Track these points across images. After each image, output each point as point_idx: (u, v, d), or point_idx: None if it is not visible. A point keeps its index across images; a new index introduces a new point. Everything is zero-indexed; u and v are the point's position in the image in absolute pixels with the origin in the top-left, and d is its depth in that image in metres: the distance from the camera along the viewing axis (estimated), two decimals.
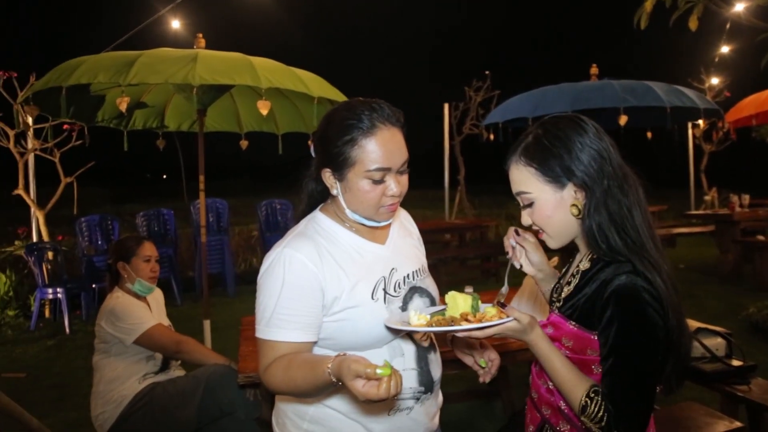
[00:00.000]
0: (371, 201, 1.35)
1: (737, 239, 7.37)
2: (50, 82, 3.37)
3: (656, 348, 1.22)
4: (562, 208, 1.31)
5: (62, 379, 4.66)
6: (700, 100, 5.65)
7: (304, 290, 1.32)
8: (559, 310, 1.38)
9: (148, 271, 2.83)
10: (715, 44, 10.24)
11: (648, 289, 1.20)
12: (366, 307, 1.36)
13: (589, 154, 1.27)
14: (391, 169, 1.34)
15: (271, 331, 1.32)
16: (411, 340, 1.46)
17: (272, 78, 3.39)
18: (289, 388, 1.30)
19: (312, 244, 1.37)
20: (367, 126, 1.32)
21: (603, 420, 1.19)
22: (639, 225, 1.27)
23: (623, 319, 1.21)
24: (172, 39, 7.03)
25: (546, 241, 1.39)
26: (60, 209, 7.26)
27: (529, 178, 1.32)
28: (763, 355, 4.45)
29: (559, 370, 1.26)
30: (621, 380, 1.20)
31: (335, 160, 1.34)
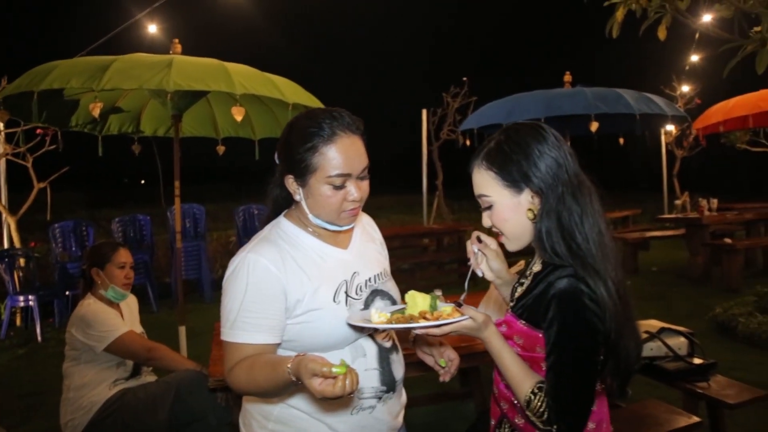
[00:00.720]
0: (333, 206, 1.40)
1: (706, 242, 7.56)
2: (21, 87, 3.35)
3: (593, 348, 1.27)
4: (518, 212, 1.37)
5: (33, 388, 4.60)
6: (668, 108, 5.81)
7: (267, 293, 1.36)
8: (512, 309, 1.44)
9: (122, 277, 2.83)
10: (685, 53, 10.49)
11: (587, 293, 1.25)
12: (328, 310, 1.40)
13: (546, 162, 1.33)
14: (351, 174, 1.39)
15: (235, 333, 1.36)
16: (373, 341, 1.50)
17: (247, 84, 3.42)
18: (252, 389, 1.34)
19: (275, 249, 1.40)
20: (328, 134, 1.36)
21: (544, 415, 1.25)
22: (588, 233, 1.31)
23: (562, 321, 1.27)
24: (149, 44, 6.98)
25: (504, 243, 1.45)
26: (33, 215, 7.17)
27: (490, 182, 1.38)
28: (726, 353, 4.59)
29: (509, 367, 1.32)
30: (561, 378, 1.26)
31: (297, 166, 1.39)
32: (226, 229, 10.61)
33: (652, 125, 7.07)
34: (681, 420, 2.52)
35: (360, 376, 1.35)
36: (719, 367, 3.01)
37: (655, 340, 2.96)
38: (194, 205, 8.23)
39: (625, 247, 8.55)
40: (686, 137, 12.41)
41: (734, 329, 5.06)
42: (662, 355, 2.95)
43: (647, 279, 8.00)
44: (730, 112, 7.61)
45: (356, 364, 1.44)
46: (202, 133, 4.93)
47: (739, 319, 5.11)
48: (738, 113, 7.58)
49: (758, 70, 3.51)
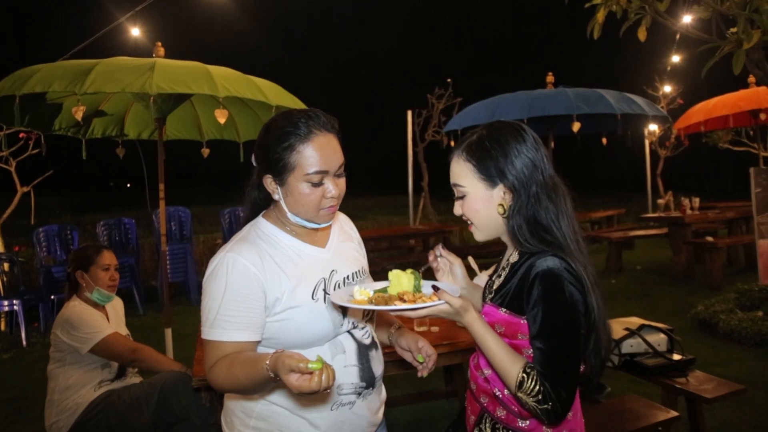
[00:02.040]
0: (311, 203, 1.42)
1: (688, 241, 7.67)
2: (3, 91, 3.32)
3: (579, 322, 1.32)
4: (489, 205, 1.43)
5: (19, 393, 4.57)
6: (649, 108, 5.88)
7: (246, 292, 1.38)
8: (492, 300, 1.48)
9: (106, 279, 2.83)
10: (666, 54, 10.64)
11: (569, 269, 1.32)
12: (306, 307, 1.43)
13: (522, 161, 1.39)
14: (328, 172, 1.42)
15: (215, 332, 1.38)
16: (352, 338, 1.52)
17: (230, 87, 3.43)
18: (232, 386, 1.35)
19: (254, 248, 1.42)
20: (304, 132, 1.39)
21: (540, 393, 1.27)
22: (564, 229, 1.38)
23: (547, 298, 1.31)
24: (132, 47, 6.95)
25: (473, 233, 1.50)
26: (17, 219, 7.12)
27: (466, 173, 1.44)
28: (707, 350, 4.67)
29: (495, 350, 1.33)
30: (551, 354, 1.30)
31: (275, 166, 1.41)
32: (212, 231, 10.58)
33: (634, 125, 7.16)
34: (660, 414, 2.57)
35: (339, 373, 1.39)
36: (699, 363, 3.08)
37: (635, 337, 3.01)
38: (180, 207, 8.20)
39: (610, 246, 8.65)
40: (669, 137, 12.56)
41: (715, 326, 5.14)
42: (642, 351, 3.00)
43: (631, 277, 8.09)
44: (711, 111, 7.72)
45: (335, 361, 1.46)
46: (187, 136, 4.93)
47: (720, 316, 5.19)
48: (719, 113, 7.70)
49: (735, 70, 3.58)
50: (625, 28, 4.52)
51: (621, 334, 3.03)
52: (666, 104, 12.16)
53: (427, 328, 2.61)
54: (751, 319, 4.96)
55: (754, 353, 4.61)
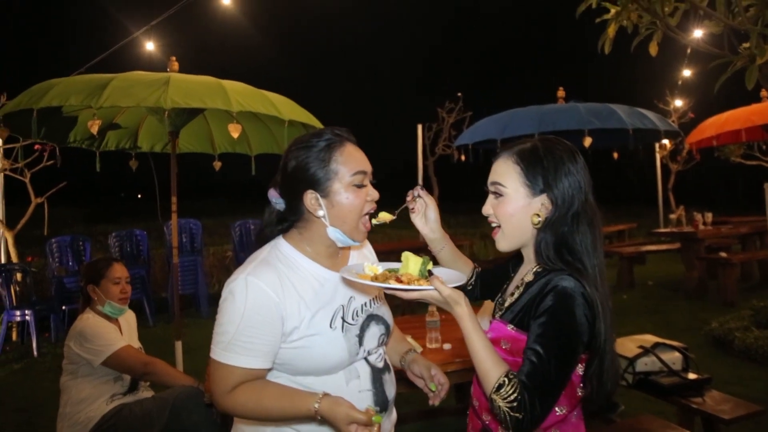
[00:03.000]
0: (356, 209, 1.43)
1: (701, 256, 7.59)
2: (21, 104, 3.38)
3: (576, 345, 1.31)
4: (525, 212, 1.42)
5: (29, 403, 4.58)
6: (661, 122, 5.86)
7: (264, 319, 1.36)
8: (501, 316, 1.47)
9: (117, 292, 2.85)
10: (677, 68, 10.61)
11: (583, 293, 1.31)
12: (324, 336, 1.41)
13: (570, 181, 1.40)
14: (367, 172, 1.46)
15: (229, 356, 1.36)
16: (366, 362, 1.52)
17: (243, 101, 3.45)
18: (258, 415, 1.35)
19: (274, 273, 1.40)
20: (338, 140, 1.44)
21: (516, 401, 1.24)
22: (592, 258, 1.38)
23: (556, 312, 1.31)
24: (146, 61, 7.05)
25: (498, 241, 1.48)
26: (30, 230, 7.18)
27: (512, 174, 1.43)
28: (722, 369, 4.60)
29: (480, 350, 1.31)
30: (540, 367, 1.27)
31: (316, 178, 1.42)
32: (222, 244, 10.61)
33: (646, 140, 7.11)
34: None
35: (354, 398, 1.38)
36: (715, 382, 3.02)
37: (649, 355, 2.98)
38: (191, 220, 8.24)
39: (621, 261, 8.58)
40: (680, 151, 12.50)
41: (731, 344, 5.07)
42: (656, 369, 2.97)
43: (643, 293, 8.02)
44: (723, 126, 7.67)
45: (350, 386, 1.45)
46: (199, 149, 4.96)
47: (735, 333, 5.13)
48: (731, 127, 7.64)
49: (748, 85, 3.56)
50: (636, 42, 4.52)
51: (635, 352, 3.00)
52: (677, 118, 12.13)
53: (439, 345, 2.59)
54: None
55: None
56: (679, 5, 3.98)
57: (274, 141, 4.73)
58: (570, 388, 1.38)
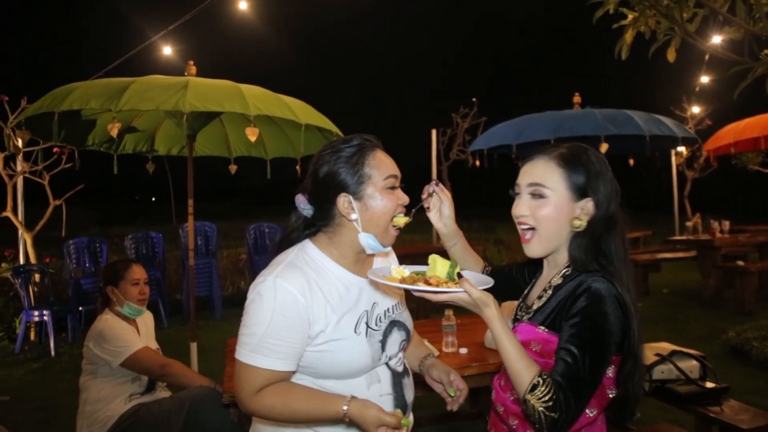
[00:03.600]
0: (388, 212, 1.45)
1: (718, 264, 7.50)
2: (43, 108, 3.43)
3: (611, 345, 1.32)
4: (566, 216, 1.42)
5: (47, 402, 4.64)
6: (678, 129, 5.82)
7: (292, 322, 1.36)
8: (530, 319, 1.46)
9: (136, 294, 2.88)
10: (695, 74, 10.53)
11: (617, 296, 1.33)
12: (348, 341, 1.42)
13: (608, 187, 1.42)
14: (397, 177, 1.48)
15: (256, 357, 1.36)
16: (386, 367, 1.52)
17: (261, 105, 3.48)
18: (283, 417, 1.36)
19: (302, 276, 1.41)
20: (369, 146, 1.47)
21: (552, 401, 1.24)
22: (624, 262, 1.41)
23: (591, 311, 1.31)
24: (164, 65, 7.13)
25: (531, 245, 1.46)
26: (48, 231, 7.27)
27: (555, 177, 1.42)
28: (740, 378, 4.54)
29: (511, 351, 1.30)
30: (575, 366, 1.28)
31: (349, 182, 1.44)
32: (236, 247, 10.66)
33: (662, 147, 7.07)
34: None
35: (375, 402, 1.38)
36: (732, 391, 2.98)
37: (666, 363, 2.95)
38: (206, 222, 8.30)
39: (636, 268, 8.48)
40: (697, 159, 12.38)
41: (748, 353, 5.00)
42: (673, 378, 2.93)
43: (658, 301, 7.93)
44: (742, 133, 7.60)
45: (371, 390, 1.46)
46: (215, 153, 5.01)
47: (753, 343, 5.06)
48: (749, 134, 7.58)
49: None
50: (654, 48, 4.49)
51: (651, 360, 2.97)
52: (694, 125, 12.02)
53: (455, 350, 2.59)
54: None
55: None
56: (698, 11, 3.95)
57: (290, 145, 4.76)
58: (600, 390, 1.38)
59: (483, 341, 2.73)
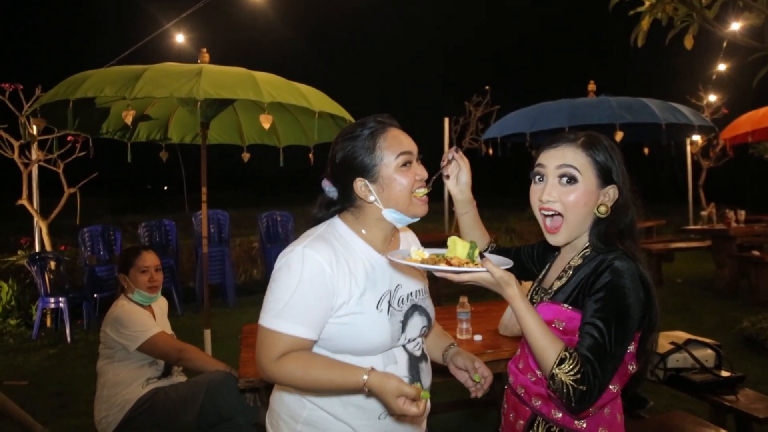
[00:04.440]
0: (406, 188, 1.47)
1: (733, 254, 7.43)
2: (58, 95, 3.45)
3: (633, 323, 1.34)
4: (593, 202, 1.45)
5: (64, 387, 4.71)
6: (694, 117, 5.74)
7: (318, 291, 1.39)
8: (552, 299, 1.48)
9: (145, 281, 2.89)
10: (712, 62, 10.36)
11: (639, 273, 1.37)
12: (370, 316, 1.44)
13: (624, 173, 1.47)
14: (412, 152, 1.49)
15: (281, 323, 1.38)
16: (404, 350, 1.54)
17: (274, 92, 3.48)
18: (306, 385, 1.37)
19: (330, 249, 1.44)
20: (380, 127, 1.49)
21: (580, 373, 1.26)
22: (637, 236, 1.47)
23: (616, 286, 1.34)
24: (177, 53, 7.15)
25: (558, 234, 1.47)
26: (63, 219, 7.34)
27: (584, 164, 1.44)
28: (755, 368, 4.51)
29: (535, 328, 1.32)
30: (602, 339, 1.30)
31: (363, 166, 1.47)
32: (248, 235, 10.72)
33: (678, 135, 6.98)
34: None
35: None
36: (747, 381, 2.97)
37: (681, 352, 2.94)
38: (218, 210, 8.34)
39: (650, 258, 8.43)
40: (713, 147, 12.23)
41: (763, 343, 4.96)
42: (688, 366, 2.92)
43: (672, 291, 7.88)
44: (759, 122, 7.49)
45: (387, 371, 1.46)
46: (228, 141, 5.02)
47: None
48: (767, 123, 7.46)
49: None
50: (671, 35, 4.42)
51: (666, 348, 2.96)
52: (710, 114, 11.85)
53: (470, 337, 2.59)
54: None
55: None
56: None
57: (303, 133, 4.76)
58: (622, 366, 1.40)
59: (497, 328, 2.73)
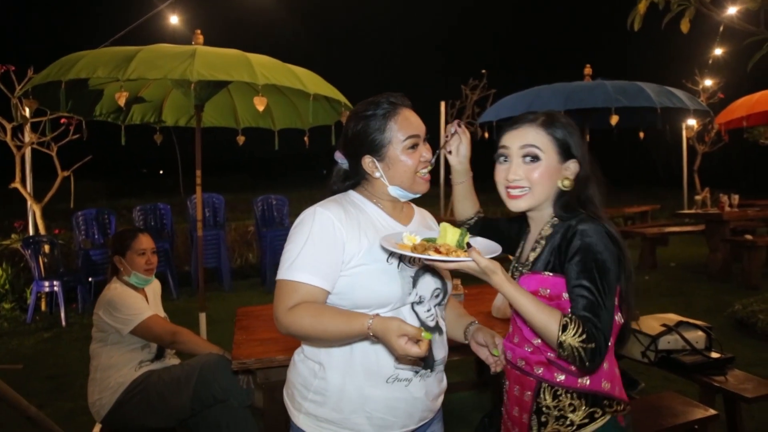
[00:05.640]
0: (411, 168, 1.57)
1: (726, 238, 7.48)
2: (50, 76, 3.41)
3: (613, 275, 1.41)
4: (555, 177, 1.54)
5: (58, 370, 4.73)
6: (689, 101, 5.72)
7: (328, 241, 1.47)
8: (531, 269, 1.54)
9: (143, 264, 2.89)
10: (708, 46, 10.32)
11: (606, 229, 1.45)
12: (380, 265, 1.50)
13: (583, 147, 1.57)
14: (419, 135, 1.58)
15: (293, 272, 1.45)
16: (416, 316, 1.56)
17: (269, 74, 3.45)
18: (315, 332, 1.40)
19: (340, 208, 1.54)
20: (391, 109, 1.56)
21: (584, 333, 1.33)
22: (599, 203, 1.54)
23: (589, 245, 1.42)
24: (171, 35, 7.07)
25: (518, 202, 1.55)
26: (57, 203, 7.32)
27: (545, 142, 1.53)
28: (745, 349, 4.57)
29: (530, 305, 1.37)
30: (594, 295, 1.38)
31: (373, 144, 1.56)
32: (244, 219, 10.71)
33: (674, 119, 6.97)
34: (697, 412, 2.53)
35: None
36: (737, 362, 3.00)
37: (672, 333, 2.97)
38: (214, 194, 8.32)
39: (644, 242, 8.49)
40: (708, 132, 12.24)
41: (753, 326, 5.02)
42: (679, 348, 2.95)
43: (665, 274, 7.94)
44: (754, 106, 7.49)
45: None
46: (223, 123, 4.98)
47: (759, 315, 5.07)
48: (762, 108, 7.46)
49: None
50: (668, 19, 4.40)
51: (658, 330, 2.99)
52: (706, 98, 11.84)
53: None
54: None
55: None
56: None
57: (298, 116, 4.73)
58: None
59: (490, 311, 2.75)
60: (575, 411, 1.47)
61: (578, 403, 1.47)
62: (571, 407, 1.47)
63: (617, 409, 1.50)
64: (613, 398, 1.50)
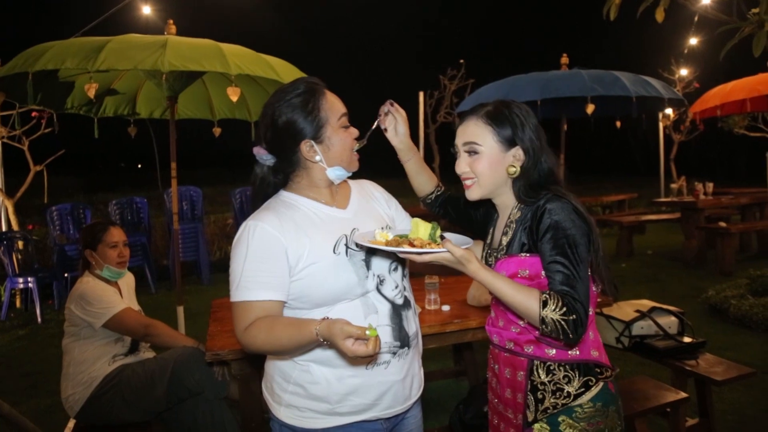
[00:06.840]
0: (348, 146, 1.58)
1: (701, 226, 7.61)
2: (16, 68, 3.33)
3: (585, 247, 1.46)
4: (500, 165, 1.58)
5: (34, 368, 4.66)
6: (664, 90, 5.79)
7: (267, 253, 1.44)
8: (506, 254, 1.56)
9: (115, 256, 2.85)
10: (684, 36, 10.44)
11: (572, 205, 1.50)
12: (328, 260, 1.48)
13: (531, 131, 1.59)
14: (347, 114, 1.59)
15: (241, 293, 1.43)
16: (384, 298, 1.56)
17: (242, 64, 3.41)
18: (272, 347, 1.40)
19: (273, 214, 1.50)
20: (318, 90, 1.56)
21: (564, 306, 1.37)
22: (560, 181, 1.60)
23: (558, 222, 1.46)
24: (143, 25, 6.95)
25: (472, 190, 1.61)
26: (30, 198, 7.20)
27: (485, 134, 1.58)
28: (717, 334, 4.66)
29: (508, 288, 1.41)
30: (569, 269, 1.42)
31: (311, 128, 1.53)
32: (223, 212, 10.63)
33: (649, 108, 7.04)
34: (669, 395, 2.57)
35: None
36: (710, 346, 3.06)
37: (645, 319, 3.01)
38: (191, 187, 8.22)
39: (621, 230, 8.60)
40: (684, 121, 12.41)
41: (726, 311, 5.12)
42: (652, 333, 3.00)
43: (642, 262, 8.06)
44: (728, 95, 7.59)
45: (368, 320, 1.49)
46: (198, 115, 4.91)
47: (731, 301, 5.17)
48: (736, 97, 7.58)
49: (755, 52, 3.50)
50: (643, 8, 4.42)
51: (632, 316, 3.03)
52: (682, 88, 12.00)
53: (438, 307, 2.62)
54: (763, 304, 4.94)
55: (765, 338, 4.60)
56: None
57: None
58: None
59: (465, 299, 2.76)
60: (570, 382, 1.51)
61: (573, 374, 1.51)
62: (566, 379, 1.52)
63: (607, 376, 1.55)
64: (603, 365, 1.55)
